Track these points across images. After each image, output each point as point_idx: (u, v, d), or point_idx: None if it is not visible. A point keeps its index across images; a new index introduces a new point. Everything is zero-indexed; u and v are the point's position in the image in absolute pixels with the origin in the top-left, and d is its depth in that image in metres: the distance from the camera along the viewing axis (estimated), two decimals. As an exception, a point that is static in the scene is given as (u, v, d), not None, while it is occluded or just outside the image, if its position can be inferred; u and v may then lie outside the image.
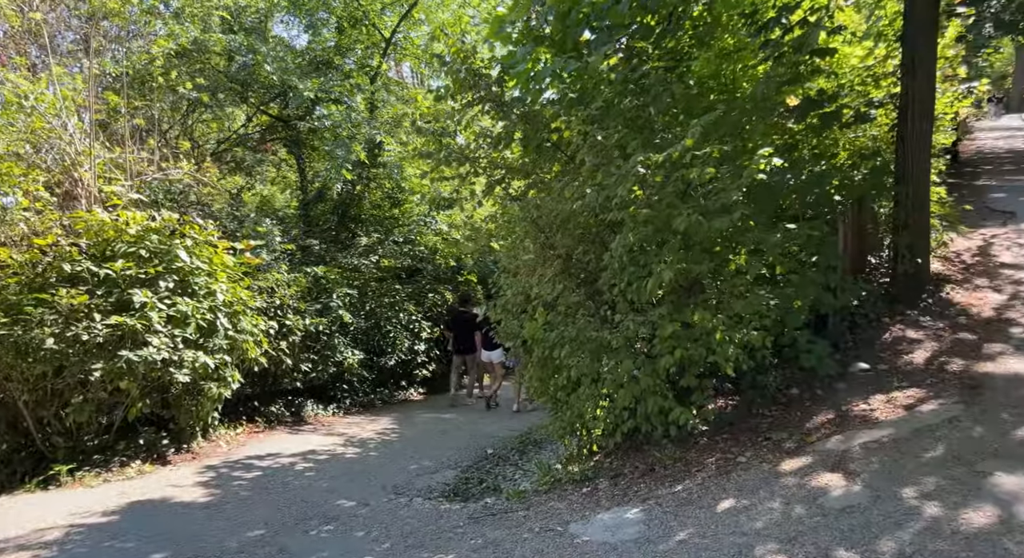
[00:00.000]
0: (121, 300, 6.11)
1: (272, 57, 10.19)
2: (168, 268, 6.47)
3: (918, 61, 6.56)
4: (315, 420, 8.98)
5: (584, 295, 5.42)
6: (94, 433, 6.39)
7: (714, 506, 3.99)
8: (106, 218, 6.54)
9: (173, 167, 8.22)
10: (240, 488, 6.00)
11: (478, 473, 6.70)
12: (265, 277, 8.13)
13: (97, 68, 7.89)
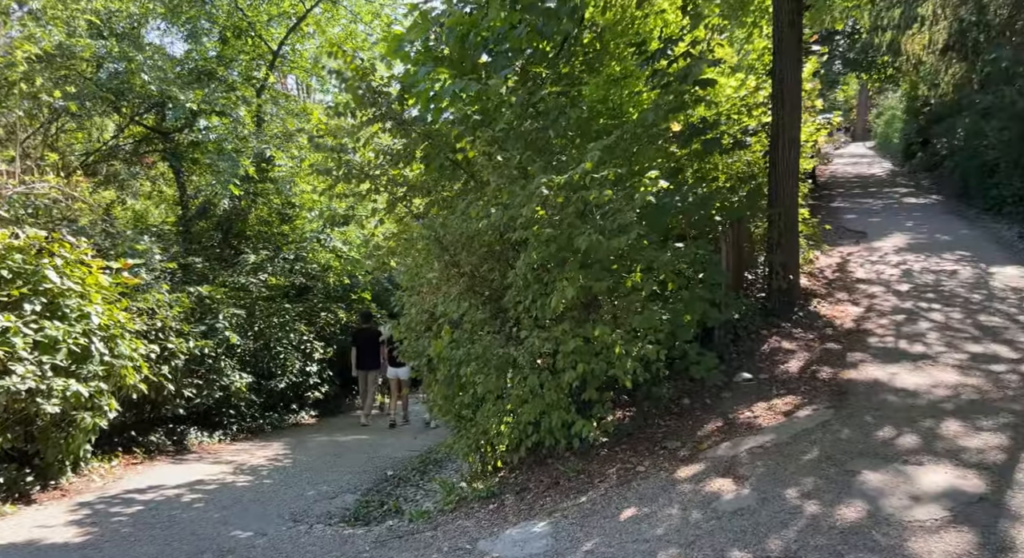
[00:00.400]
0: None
1: (149, 66, 9.61)
2: (35, 290, 5.91)
3: (786, 93, 7.20)
4: (200, 448, 8.44)
5: (489, 313, 5.49)
6: None
7: (617, 515, 4.14)
8: None
9: (38, 180, 7.54)
10: (120, 525, 5.53)
11: (379, 496, 6.58)
12: (145, 298, 7.59)
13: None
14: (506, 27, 6.56)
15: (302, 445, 9.02)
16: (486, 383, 5.18)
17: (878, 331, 7.05)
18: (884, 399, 5.18)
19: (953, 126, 18.98)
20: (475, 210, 5.21)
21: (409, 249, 6.59)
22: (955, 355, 6.11)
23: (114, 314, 6.52)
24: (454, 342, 5.46)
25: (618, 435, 5.43)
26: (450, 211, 5.88)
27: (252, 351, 9.92)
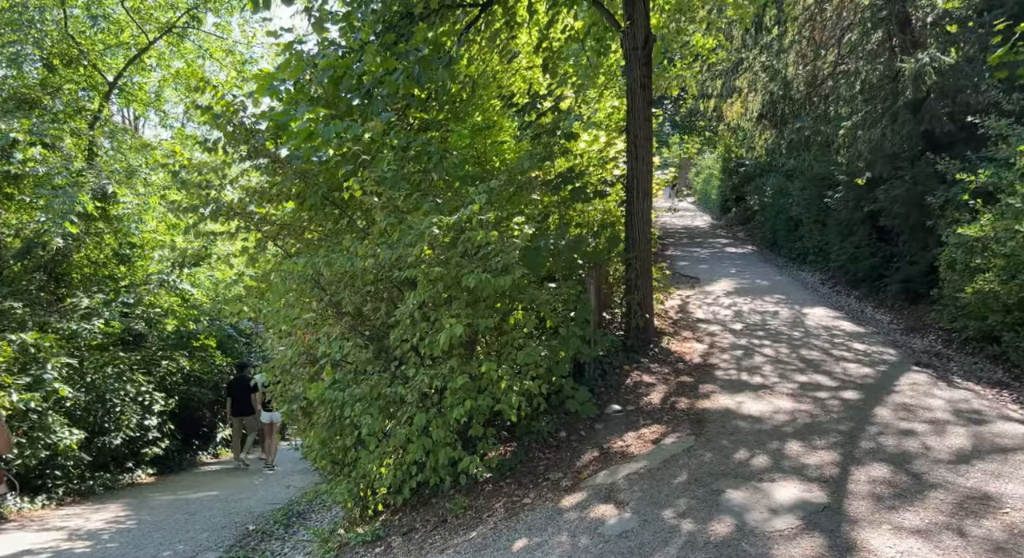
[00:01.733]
0: None
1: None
2: None
3: (639, 149, 7.93)
4: (19, 516, 7.35)
5: (373, 352, 5.45)
6: None
7: (509, 547, 4.24)
8: None
9: None
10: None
11: (243, 551, 6.13)
12: None
13: None
14: (382, 72, 6.72)
15: (145, 505, 8.15)
16: (372, 423, 5.10)
17: (722, 365, 7.82)
18: (736, 425, 5.76)
19: (762, 185, 21.69)
20: (361, 249, 5.20)
21: (280, 289, 6.36)
22: (787, 385, 6.94)
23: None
24: (337, 383, 5.34)
25: (501, 470, 5.54)
26: (327, 250, 5.79)
27: (83, 404, 8.88)
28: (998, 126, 8.73)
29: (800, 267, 19.40)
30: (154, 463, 10.79)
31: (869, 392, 6.53)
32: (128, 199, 10.47)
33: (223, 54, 13.28)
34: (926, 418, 5.63)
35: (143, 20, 11.50)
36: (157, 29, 11.78)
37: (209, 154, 6.23)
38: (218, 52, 12.88)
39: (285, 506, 7.92)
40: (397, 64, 6.74)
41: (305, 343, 5.86)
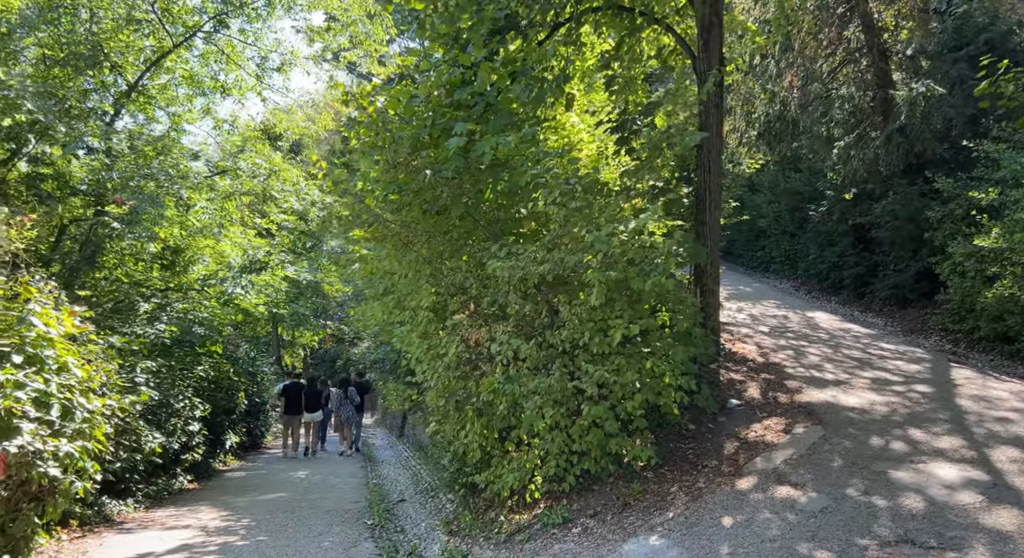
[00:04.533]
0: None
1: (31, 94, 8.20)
2: (20, 339, 4.91)
3: (711, 163, 8.58)
4: (125, 518, 7.19)
5: (536, 349, 5.81)
6: None
7: (718, 522, 4.74)
8: None
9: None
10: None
11: (390, 543, 6.31)
12: (88, 348, 6.44)
13: None
14: (492, 89, 7.09)
15: (233, 506, 8.10)
16: (554, 415, 5.49)
17: (786, 364, 8.59)
18: (847, 416, 6.48)
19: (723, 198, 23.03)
20: (540, 254, 5.58)
21: (427, 291, 6.63)
22: (859, 380, 7.74)
23: (85, 367, 5.55)
24: (511, 379, 5.67)
25: (654, 459, 6.01)
26: (489, 255, 6.12)
27: (151, 408, 8.68)
28: (996, 149, 9.93)
29: (764, 275, 20.79)
30: (189, 469, 10.58)
31: (934, 385, 7.41)
32: (204, 205, 10.27)
33: (245, 61, 13.03)
34: (1008, 406, 6.51)
35: (171, 23, 11.25)
36: (182, 33, 11.52)
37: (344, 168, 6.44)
38: (239, 57, 12.65)
39: (372, 503, 8.12)
40: (507, 81, 7.13)
41: (474, 341, 6.14)
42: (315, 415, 13.76)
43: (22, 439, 4.50)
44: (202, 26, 11.03)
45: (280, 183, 11.59)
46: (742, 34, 11.09)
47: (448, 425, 6.50)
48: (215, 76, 12.08)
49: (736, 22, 11.07)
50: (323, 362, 32.37)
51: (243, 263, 11.55)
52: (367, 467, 12.22)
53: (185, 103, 12.68)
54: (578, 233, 5.63)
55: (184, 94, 12.41)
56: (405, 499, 8.53)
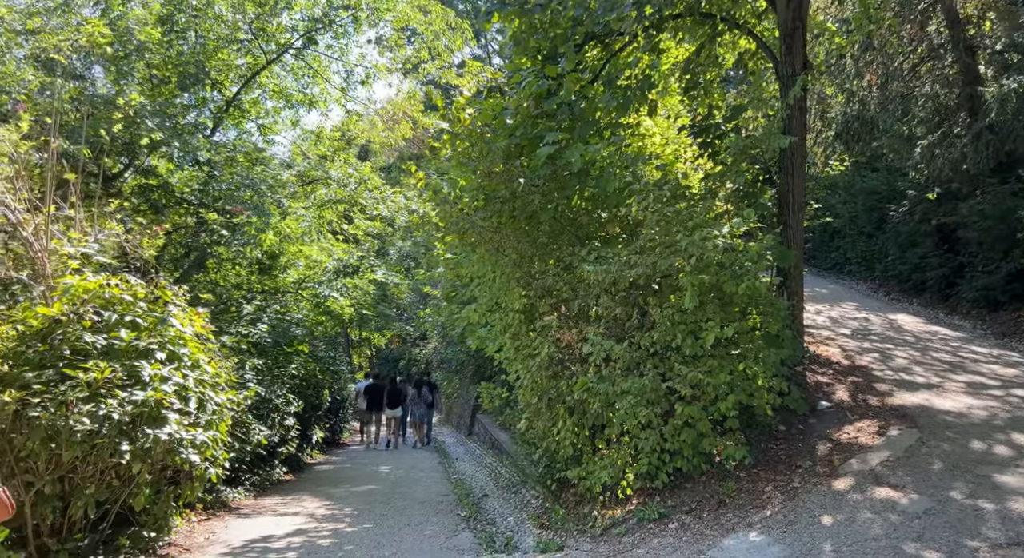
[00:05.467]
0: (132, 374, 5.03)
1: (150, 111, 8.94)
2: (161, 338, 5.47)
3: (795, 165, 8.59)
4: (240, 504, 7.80)
5: (628, 350, 6.01)
6: (84, 530, 5.02)
7: (818, 521, 4.83)
8: (89, 283, 5.42)
9: (103, 229, 6.88)
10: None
11: (486, 535, 6.62)
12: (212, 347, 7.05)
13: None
14: (577, 97, 7.33)
15: (332, 496, 8.63)
16: (647, 414, 5.68)
17: (873, 367, 8.50)
18: (944, 419, 6.42)
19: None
20: (635, 258, 5.79)
21: (516, 294, 6.92)
22: (952, 384, 7.62)
23: (215, 363, 6.11)
24: (604, 378, 5.90)
25: (747, 458, 6.13)
26: (576, 259, 6.37)
27: (257, 404, 9.30)
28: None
29: (839, 277, 20.25)
30: (284, 462, 11.19)
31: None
32: (299, 211, 10.96)
33: (330, 75, 13.63)
34: (1117, 412, 6.33)
35: (265, 42, 11.91)
36: (274, 50, 12.16)
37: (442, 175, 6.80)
38: (325, 71, 13.27)
39: (460, 496, 8.48)
40: (592, 90, 7.36)
41: (565, 343, 6.40)
42: (395, 411, 15.59)
43: (170, 427, 5.00)
44: (293, 43, 11.67)
45: (368, 191, 12.18)
46: (819, 34, 10.98)
47: (539, 422, 6.77)
48: (303, 90, 12.75)
49: (815, 22, 10.99)
50: (387, 362, 33.30)
51: (336, 267, 12.20)
52: (444, 463, 12.62)
53: (273, 115, 13.42)
54: (671, 237, 5.81)
55: (273, 107, 13.14)
56: (488, 495, 8.84)
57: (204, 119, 11.51)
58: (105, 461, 4.96)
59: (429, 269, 13.93)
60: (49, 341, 5.23)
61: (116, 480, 5.12)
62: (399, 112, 14.45)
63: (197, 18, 10.21)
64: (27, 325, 5.28)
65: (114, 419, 4.75)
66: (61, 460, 4.83)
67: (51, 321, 5.31)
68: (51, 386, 4.89)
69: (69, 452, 4.75)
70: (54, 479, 4.86)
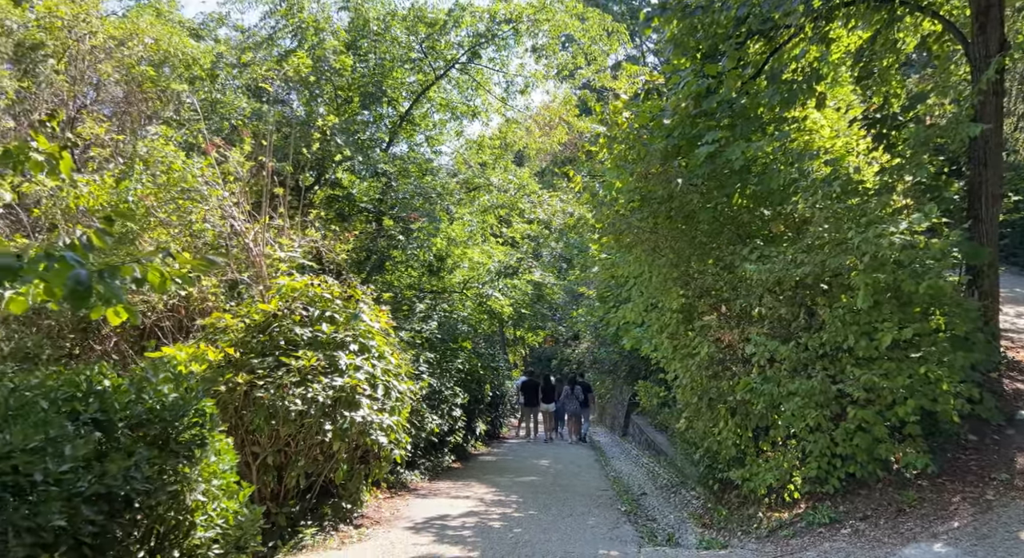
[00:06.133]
0: (332, 363, 5.85)
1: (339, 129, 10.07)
2: (354, 331, 6.25)
3: (990, 156, 7.84)
4: (416, 486, 8.61)
5: (795, 351, 5.88)
6: (295, 498, 5.92)
7: (1017, 538, 4.47)
8: (297, 284, 6.37)
9: (307, 236, 8.03)
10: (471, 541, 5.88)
11: (646, 529, 6.76)
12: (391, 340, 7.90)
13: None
14: (737, 94, 7.20)
15: (497, 484, 9.20)
16: (816, 417, 5.54)
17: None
18: None
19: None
20: (796, 256, 5.67)
21: (674, 294, 7.02)
22: None
23: (397, 355, 6.85)
24: (768, 379, 5.83)
25: (930, 467, 5.76)
26: (737, 258, 6.33)
27: (429, 394, 10.13)
28: None
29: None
30: (452, 450, 11.96)
31: None
32: (468, 218, 11.86)
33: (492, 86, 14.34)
34: None
35: (433, 59, 12.79)
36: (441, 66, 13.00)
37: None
38: (487, 83, 13.97)
39: (619, 492, 8.65)
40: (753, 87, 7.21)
41: (726, 343, 6.42)
42: (550, 406, 16.82)
43: (363, 411, 5.70)
44: (458, 58, 12.48)
45: (527, 195, 12.75)
46: (1021, 7, 9.90)
47: (699, 422, 6.78)
48: (466, 102, 13.57)
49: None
50: (540, 361, 34.01)
51: (497, 269, 12.90)
52: (601, 461, 12.82)
53: (440, 127, 14.39)
54: (841, 235, 5.61)
55: (439, 119, 14.09)
56: (646, 493, 8.93)
57: (381, 134, 12.64)
58: (312, 438, 5.75)
59: (583, 270, 14.24)
60: (268, 333, 6.14)
61: (320, 456, 5.90)
62: (555, 118, 14.91)
63: (377, 42, 11.28)
64: (252, 319, 6.23)
65: (319, 401, 5.51)
66: (279, 435, 5.69)
67: (269, 316, 6.23)
68: (270, 371, 5.77)
69: (285, 428, 5.57)
70: (274, 451, 5.71)
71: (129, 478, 3.20)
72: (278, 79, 10.28)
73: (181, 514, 3.72)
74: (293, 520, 5.91)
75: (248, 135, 7.70)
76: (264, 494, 5.76)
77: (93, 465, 3.05)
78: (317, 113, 11.29)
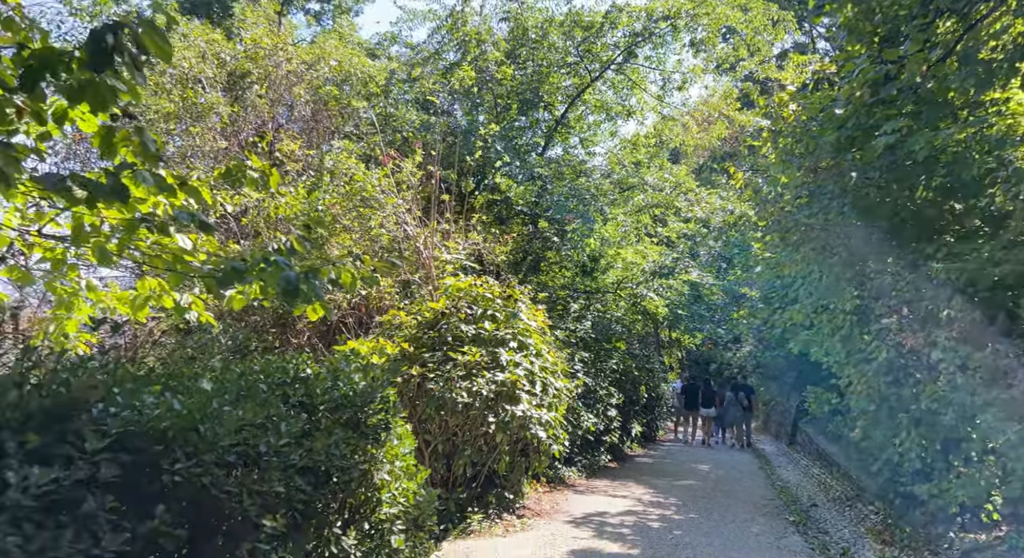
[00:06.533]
0: (493, 358, 6.24)
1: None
2: (513, 329, 6.59)
3: None
4: (573, 482, 8.85)
5: (992, 358, 5.33)
6: (462, 485, 6.42)
7: None
8: (462, 284, 6.84)
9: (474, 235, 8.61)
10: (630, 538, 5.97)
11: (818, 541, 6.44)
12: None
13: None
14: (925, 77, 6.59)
15: (654, 486, 9.18)
16: (1020, 431, 4.99)
17: None
18: None
19: None
20: (997, 254, 5.14)
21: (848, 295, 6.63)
22: None
23: (551, 352, 7.11)
24: (956, 388, 5.34)
25: None
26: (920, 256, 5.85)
27: (584, 393, 10.30)
28: None
29: None
30: (608, 450, 12.02)
31: None
32: (622, 218, 12.01)
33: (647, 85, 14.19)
34: None
35: (589, 62, 12.89)
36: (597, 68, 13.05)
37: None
38: (643, 81, 13.85)
39: (786, 502, 8.27)
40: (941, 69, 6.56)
41: (908, 347, 5.97)
42: (710, 411, 16.47)
43: (523, 406, 5.98)
44: (614, 59, 12.52)
45: (683, 194, 12.55)
46: None
47: (877, 432, 6.33)
48: (621, 102, 13.58)
49: None
50: (697, 364, 32.93)
51: (652, 269, 12.79)
52: (765, 468, 12.28)
53: (593, 128, 14.51)
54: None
55: (594, 120, 14.21)
56: (817, 504, 8.46)
57: (537, 138, 13.00)
58: (477, 429, 6.12)
59: (745, 269, 13.70)
60: (437, 329, 6.62)
61: (484, 446, 6.26)
62: (713, 112, 14.46)
63: (535, 49, 11.65)
64: (423, 317, 6.75)
65: (483, 395, 5.87)
66: (447, 425, 6.12)
67: (438, 314, 6.71)
68: (439, 365, 6.22)
69: (453, 419, 5.99)
70: (443, 439, 6.15)
71: (330, 455, 3.65)
72: (443, 91, 10.94)
73: (369, 491, 4.15)
74: (461, 506, 6.31)
75: (419, 146, 8.33)
76: (435, 480, 6.21)
77: (303, 442, 3.52)
78: (478, 122, 11.86)
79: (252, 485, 3.02)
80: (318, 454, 3.56)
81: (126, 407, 2.62)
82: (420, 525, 4.59)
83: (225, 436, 2.89)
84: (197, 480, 2.69)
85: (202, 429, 2.81)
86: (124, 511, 2.39)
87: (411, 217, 7.74)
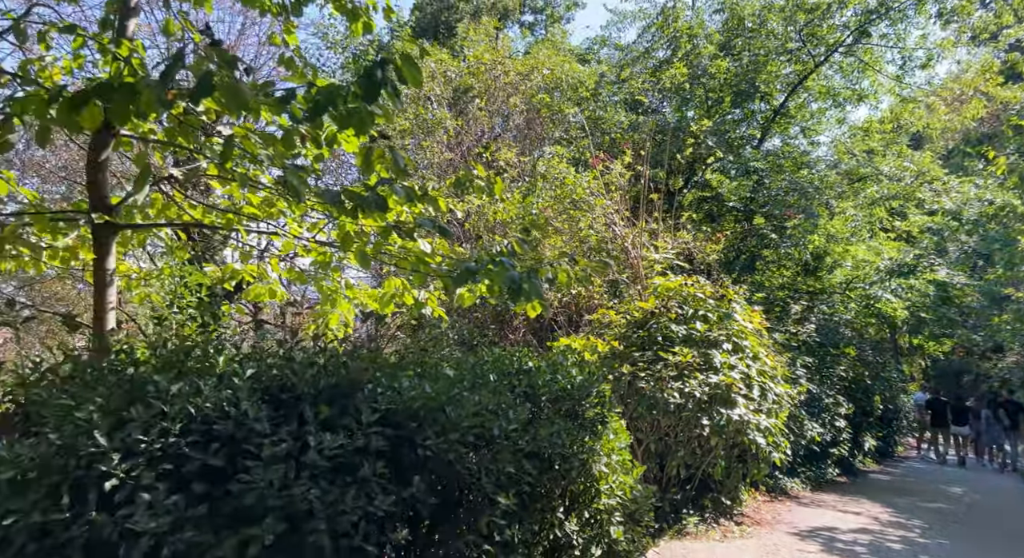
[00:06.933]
0: (706, 360, 6.17)
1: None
2: (727, 331, 6.43)
3: None
4: (796, 493, 8.38)
5: None
6: (676, 486, 6.46)
7: None
8: (671, 283, 6.86)
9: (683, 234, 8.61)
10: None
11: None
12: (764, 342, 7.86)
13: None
14: None
15: (892, 504, 8.33)
16: None
17: None
18: None
19: None
20: None
21: None
22: None
23: (769, 355, 6.79)
24: None
25: None
26: None
27: (807, 401, 9.65)
28: None
29: None
30: (836, 463, 11.08)
31: None
32: (852, 212, 11.14)
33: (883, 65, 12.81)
34: None
35: (813, 46, 11.94)
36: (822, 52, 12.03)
37: None
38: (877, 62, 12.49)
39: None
40: None
41: None
42: (962, 429, 15.12)
43: (739, 410, 5.79)
44: (843, 41, 11.50)
45: (927, 183, 11.18)
46: None
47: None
48: (850, 86, 12.43)
49: None
50: (944, 375, 28.89)
51: (889, 267, 11.56)
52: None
53: (817, 116, 13.46)
54: None
55: (818, 108, 13.18)
56: None
57: (752, 130, 12.39)
58: (690, 431, 6.04)
59: (1009, 268, 11.76)
60: (646, 328, 6.65)
61: (698, 449, 6.16)
62: (967, 89, 12.57)
63: (751, 38, 11.14)
64: (632, 316, 6.82)
65: (696, 396, 5.78)
66: (659, 425, 6.12)
67: (647, 313, 6.73)
68: (650, 364, 6.24)
69: (665, 419, 5.98)
70: (655, 439, 6.16)
71: (553, 443, 3.88)
72: (652, 90, 10.87)
73: (588, 481, 4.33)
74: (675, 507, 6.27)
75: (628, 147, 8.39)
76: (647, 478, 6.24)
77: (528, 428, 3.79)
78: (688, 118, 11.61)
79: (488, 464, 3.33)
80: (542, 441, 3.81)
81: (388, 388, 3.06)
82: (637, 519, 4.68)
83: (465, 418, 3.23)
84: (444, 455, 3.05)
85: (447, 410, 3.18)
86: (389, 477, 2.80)
87: (619, 217, 7.84)
